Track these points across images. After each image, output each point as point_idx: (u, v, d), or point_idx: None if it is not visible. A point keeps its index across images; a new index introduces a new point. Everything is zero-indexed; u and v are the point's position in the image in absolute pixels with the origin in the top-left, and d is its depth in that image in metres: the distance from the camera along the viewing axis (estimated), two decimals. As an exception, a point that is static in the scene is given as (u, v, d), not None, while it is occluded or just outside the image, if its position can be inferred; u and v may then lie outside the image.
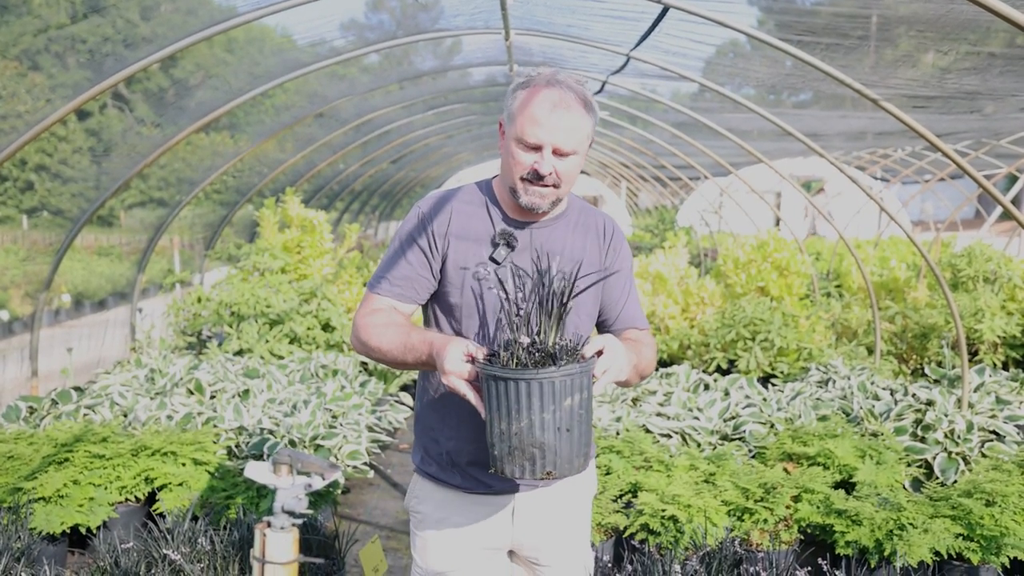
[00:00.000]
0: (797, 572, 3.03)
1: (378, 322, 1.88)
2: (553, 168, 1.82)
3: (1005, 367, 6.72)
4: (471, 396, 1.64)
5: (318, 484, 1.53)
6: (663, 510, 3.39)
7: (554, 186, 1.85)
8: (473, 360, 1.65)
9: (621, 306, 2.05)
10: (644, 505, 3.44)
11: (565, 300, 1.65)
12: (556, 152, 1.82)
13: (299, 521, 1.53)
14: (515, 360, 1.60)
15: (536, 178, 1.82)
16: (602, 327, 2.07)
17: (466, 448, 1.93)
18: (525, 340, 1.61)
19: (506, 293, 1.68)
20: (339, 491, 4.17)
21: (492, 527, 1.99)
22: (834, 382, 5.43)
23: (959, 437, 4.12)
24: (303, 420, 4.36)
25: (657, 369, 6.15)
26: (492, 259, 1.90)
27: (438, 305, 1.97)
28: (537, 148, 1.81)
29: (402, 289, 1.94)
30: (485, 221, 1.95)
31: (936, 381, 5.46)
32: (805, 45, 4.67)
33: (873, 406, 4.62)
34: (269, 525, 1.53)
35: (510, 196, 1.90)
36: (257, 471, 1.53)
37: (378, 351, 1.86)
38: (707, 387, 5.28)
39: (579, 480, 2.07)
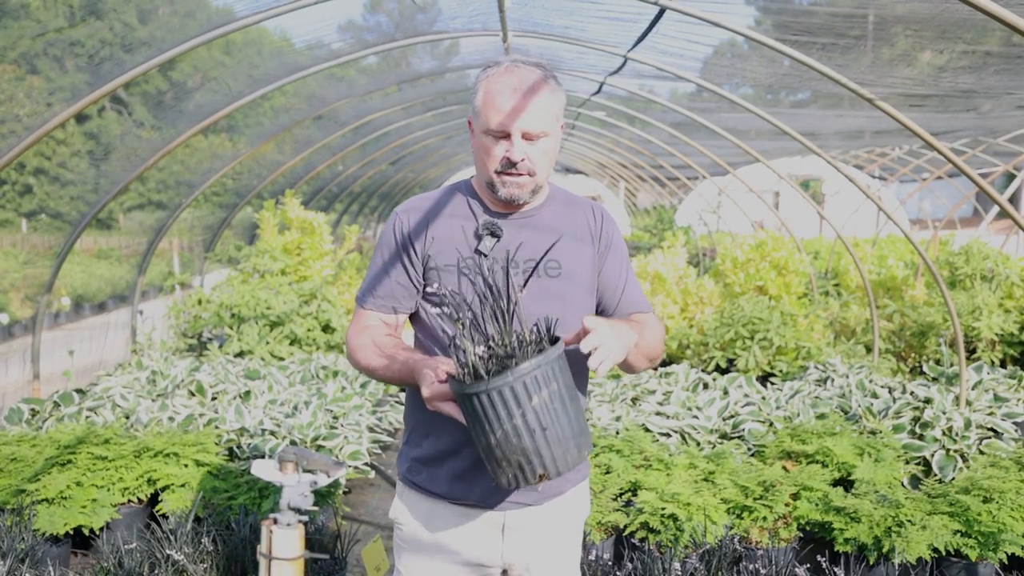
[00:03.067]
0: (796, 569, 3.05)
1: (367, 342, 1.86)
2: (525, 154, 1.76)
3: (1003, 365, 6.74)
4: (459, 416, 1.59)
5: (323, 481, 1.55)
6: (663, 508, 3.41)
7: (529, 174, 1.79)
8: (448, 378, 1.60)
9: (620, 291, 1.97)
10: (644, 503, 3.46)
11: (509, 294, 1.55)
12: (526, 136, 1.76)
13: (305, 518, 1.55)
14: (472, 373, 1.51)
15: (510, 167, 1.77)
16: (603, 316, 1.98)
17: (455, 435, 1.84)
18: (479, 350, 1.52)
19: (453, 310, 1.58)
20: (340, 491, 4.19)
21: (482, 543, 1.89)
22: (833, 380, 5.45)
23: (957, 435, 4.14)
24: (304, 421, 4.37)
25: (656, 368, 6.17)
26: (478, 251, 1.84)
27: (427, 310, 1.90)
28: (505, 136, 1.76)
29: (385, 302, 1.91)
30: (468, 217, 1.89)
31: (934, 379, 5.48)
32: (802, 45, 4.69)
33: (871, 404, 4.64)
34: (276, 522, 1.55)
35: (489, 191, 1.85)
36: (263, 469, 1.55)
37: (371, 372, 1.85)
38: (706, 386, 5.30)
39: (571, 501, 1.99)
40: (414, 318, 1.96)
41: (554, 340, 1.58)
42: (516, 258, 1.84)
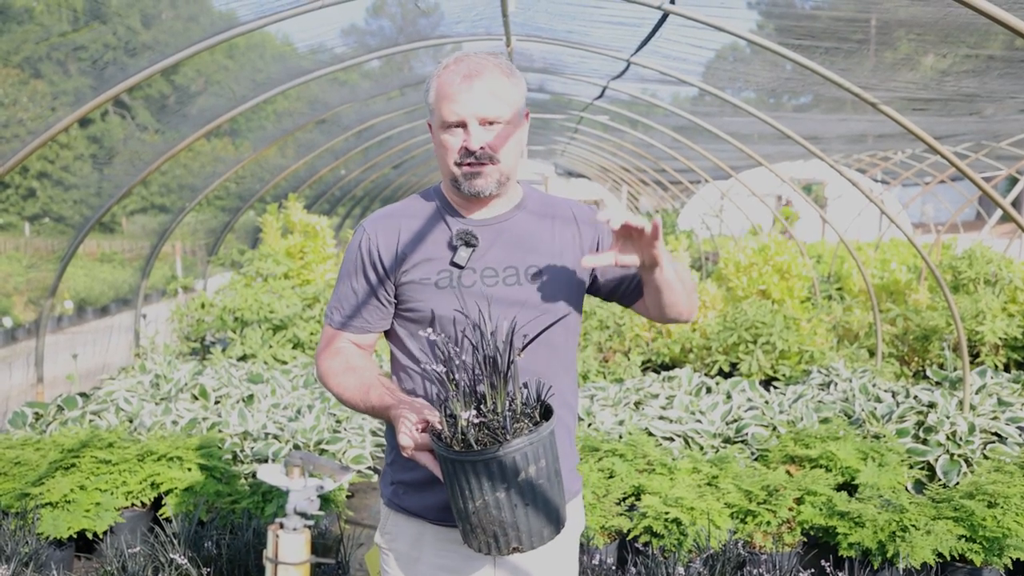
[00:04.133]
0: (800, 574, 3.05)
1: (338, 367, 1.79)
2: (484, 141, 1.67)
3: (1006, 369, 6.73)
4: (435, 470, 1.52)
5: (330, 486, 1.55)
6: (666, 513, 3.40)
7: (491, 162, 1.69)
8: (428, 426, 1.53)
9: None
10: (647, 508, 3.45)
11: (510, 361, 1.47)
12: (482, 123, 1.67)
13: (310, 522, 1.55)
14: (459, 438, 1.45)
15: (468, 156, 1.68)
16: (627, 294, 1.88)
17: None
18: (471, 415, 1.45)
19: (444, 368, 1.51)
20: (344, 495, 4.19)
21: (473, 566, 1.80)
22: (836, 384, 5.44)
23: (961, 439, 4.13)
24: (307, 425, 4.38)
25: (659, 372, 6.16)
26: (454, 264, 1.74)
27: (403, 327, 1.82)
28: (460, 124, 1.68)
29: (356, 323, 1.82)
30: (440, 227, 1.79)
31: (938, 383, 5.47)
32: (805, 49, 4.69)
33: (875, 408, 4.63)
34: (282, 526, 1.55)
35: (455, 191, 1.76)
36: (269, 473, 1.55)
37: (341, 400, 1.77)
38: (709, 390, 5.30)
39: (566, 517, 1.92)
40: (388, 333, 1.87)
41: (546, 411, 1.52)
42: (495, 266, 1.76)
